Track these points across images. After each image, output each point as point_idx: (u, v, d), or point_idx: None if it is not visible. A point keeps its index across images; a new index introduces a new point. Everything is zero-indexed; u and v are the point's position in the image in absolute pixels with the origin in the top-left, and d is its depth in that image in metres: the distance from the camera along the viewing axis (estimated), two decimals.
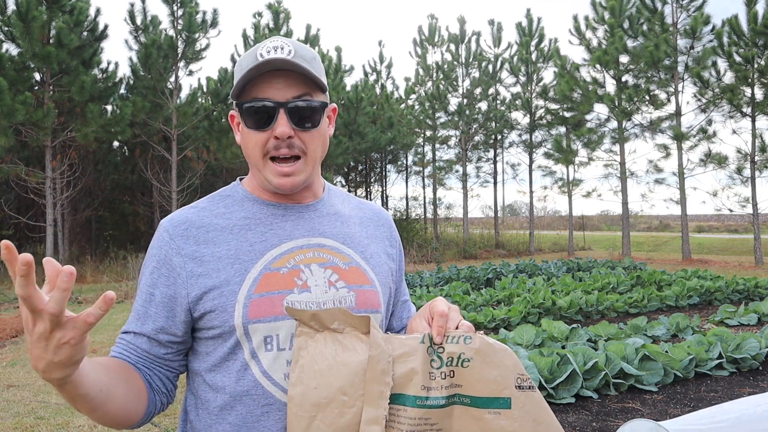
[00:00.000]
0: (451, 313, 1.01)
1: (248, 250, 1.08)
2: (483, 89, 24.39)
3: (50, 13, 15.29)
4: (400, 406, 0.95)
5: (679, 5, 19.12)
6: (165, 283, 1.06)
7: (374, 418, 0.92)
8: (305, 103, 1.06)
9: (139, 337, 1.07)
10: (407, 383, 0.95)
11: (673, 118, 19.64)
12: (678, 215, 23.76)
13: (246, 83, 1.06)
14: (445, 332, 0.98)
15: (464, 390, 0.96)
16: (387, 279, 1.20)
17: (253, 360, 1.03)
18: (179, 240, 1.08)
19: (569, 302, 8.31)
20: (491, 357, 0.96)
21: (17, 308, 10.88)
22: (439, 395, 0.95)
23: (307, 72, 1.05)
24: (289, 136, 1.05)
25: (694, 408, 4.41)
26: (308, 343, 0.98)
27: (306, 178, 1.10)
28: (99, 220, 22.36)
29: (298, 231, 1.12)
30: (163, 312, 1.06)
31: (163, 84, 17.47)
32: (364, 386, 0.94)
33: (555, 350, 4.95)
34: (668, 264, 17.43)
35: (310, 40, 21.04)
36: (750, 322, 7.62)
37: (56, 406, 4.95)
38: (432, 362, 0.97)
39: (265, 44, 1.07)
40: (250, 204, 1.14)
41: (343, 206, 1.23)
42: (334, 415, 0.93)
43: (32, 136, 15.03)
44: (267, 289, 1.04)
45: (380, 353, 0.95)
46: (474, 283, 12.19)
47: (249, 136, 1.08)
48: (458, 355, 0.96)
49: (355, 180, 27.94)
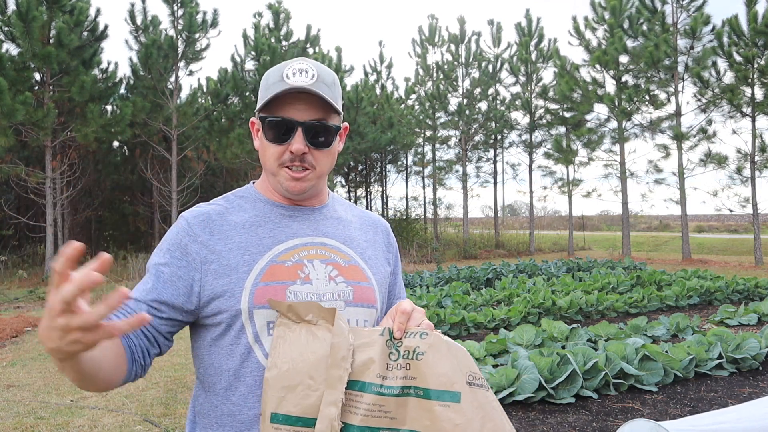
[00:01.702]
0: (414, 312, 1.09)
1: (257, 244, 1.18)
2: (483, 89, 24.39)
3: (50, 13, 15.30)
4: (358, 391, 1.03)
5: (679, 5, 19.12)
6: (177, 264, 1.14)
7: (333, 400, 1.01)
8: (321, 126, 1.18)
9: (140, 304, 1.12)
10: (365, 371, 1.04)
11: (673, 118, 19.64)
12: (678, 215, 23.76)
13: (271, 101, 1.17)
14: (406, 329, 1.06)
15: (418, 382, 1.02)
16: (384, 279, 1.30)
17: (257, 343, 1.12)
18: (197, 228, 1.17)
19: (569, 302, 8.31)
20: (444, 352, 1.03)
21: (17, 308, 10.87)
22: (394, 384, 1.03)
23: (326, 99, 1.16)
24: (303, 152, 1.17)
25: (694, 408, 4.41)
26: (286, 333, 1.08)
27: (313, 186, 1.22)
28: (99, 220, 22.36)
29: (303, 230, 1.23)
30: (170, 289, 1.13)
31: (163, 84, 17.47)
32: (326, 371, 1.03)
33: (555, 350, 4.95)
34: (668, 264, 17.43)
35: (310, 40, 21.04)
36: (750, 322, 7.62)
37: (56, 406, 4.95)
38: (390, 354, 1.05)
39: (292, 65, 1.18)
40: (262, 204, 1.25)
41: (346, 213, 1.35)
42: (300, 396, 1.03)
43: (32, 136, 15.03)
44: (272, 278, 1.14)
45: (342, 341, 1.04)
46: (474, 283, 12.19)
47: (267, 147, 1.20)
48: (413, 348, 1.04)
49: (355, 180, 27.94)
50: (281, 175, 1.19)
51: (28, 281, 14.93)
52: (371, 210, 27.82)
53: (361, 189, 28.09)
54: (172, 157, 17.70)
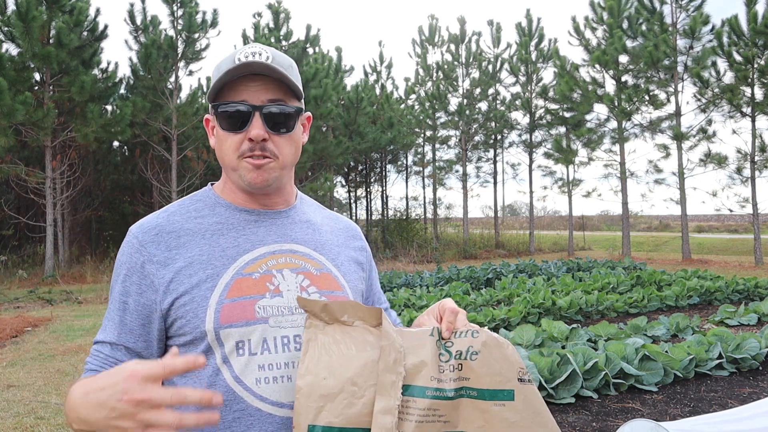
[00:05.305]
0: (460, 313, 1.05)
1: (220, 256, 1.07)
2: (483, 89, 24.38)
3: (50, 13, 15.29)
4: (410, 397, 0.96)
5: (679, 5, 19.12)
6: (137, 291, 1.06)
7: (387, 407, 0.94)
8: (280, 108, 1.07)
9: (117, 349, 1.06)
10: (417, 375, 0.97)
11: (673, 118, 19.64)
12: (678, 215, 23.77)
13: (222, 86, 1.06)
14: (454, 328, 1.02)
15: (471, 383, 0.98)
16: (357, 286, 1.22)
17: (225, 365, 1.02)
18: (150, 246, 1.07)
19: (569, 302, 8.31)
20: (496, 351, 0.99)
21: (17, 308, 10.87)
22: (448, 387, 0.97)
23: (283, 77, 1.06)
24: (264, 138, 1.06)
25: (694, 408, 4.41)
26: (317, 335, 1.00)
27: (277, 177, 1.11)
28: (99, 220, 22.34)
29: (270, 237, 1.13)
30: (138, 320, 1.06)
31: (163, 84, 17.46)
32: (377, 376, 0.96)
33: (555, 350, 4.95)
34: (668, 264, 17.43)
35: (310, 40, 21.04)
36: (750, 322, 7.62)
37: (56, 406, 4.95)
38: (440, 355, 1.00)
39: (244, 50, 1.07)
40: (222, 209, 1.14)
41: (315, 215, 1.24)
42: (342, 406, 0.94)
43: (32, 136, 15.03)
44: (239, 294, 1.04)
45: (392, 344, 0.97)
46: (474, 283, 12.19)
47: (223, 138, 1.09)
48: (467, 348, 0.99)
49: (355, 180, 27.93)
50: (242, 167, 1.08)
51: (28, 281, 14.92)
52: (371, 211, 27.84)
53: (361, 189, 28.09)
54: (172, 157, 17.70)
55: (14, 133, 14.45)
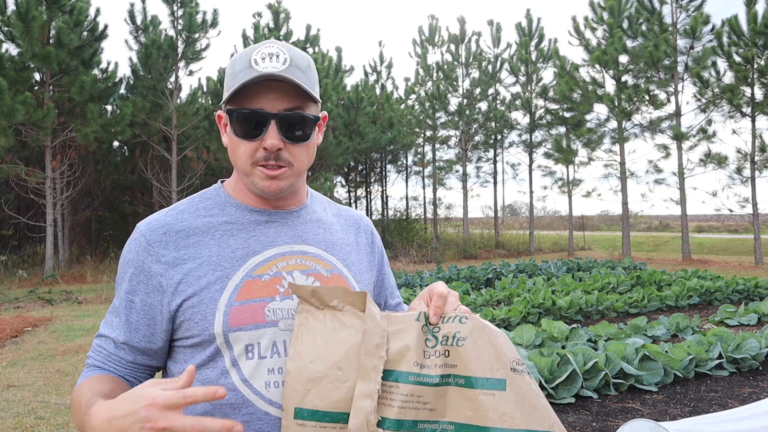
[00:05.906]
0: (449, 296, 1.01)
1: (230, 257, 1.06)
2: (483, 89, 24.38)
3: (50, 13, 15.29)
4: (393, 382, 0.95)
5: (679, 5, 19.12)
6: (144, 291, 1.05)
7: (367, 391, 0.93)
8: (297, 117, 1.05)
9: (121, 347, 1.06)
10: (401, 359, 0.95)
11: (673, 118, 19.64)
12: (678, 215, 23.77)
13: (239, 91, 1.04)
14: (443, 313, 0.98)
15: (459, 370, 0.95)
16: (369, 285, 1.21)
17: (234, 368, 1.02)
18: (158, 246, 1.05)
19: (569, 302, 8.31)
20: (486, 338, 0.96)
21: (17, 308, 10.87)
22: (433, 373, 0.95)
23: (300, 86, 1.03)
24: (279, 148, 1.04)
25: (694, 408, 4.41)
26: (309, 320, 1.00)
27: (290, 185, 1.10)
28: (99, 220, 22.35)
29: (281, 237, 1.11)
30: (144, 319, 1.05)
31: (163, 84, 17.47)
32: (359, 360, 0.95)
33: (555, 350, 4.94)
34: (668, 264, 17.43)
35: (310, 40, 21.04)
36: (750, 322, 7.62)
37: (56, 406, 4.95)
38: (427, 341, 0.97)
39: (260, 49, 1.04)
40: (232, 209, 1.12)
41: (325, 213, 1.23)
42: (328, 389, 0.95)
43: (32, 136, 15.03)
44: (248, 296, 1.03)
45: (375, 327, 0.96)
46: (474, 283, 12.19)
47: (237, 143, 1.07)
48: (453, 334, 0.96)
49: (355, 180, 27.93)
50: (255, 174, 1.06)
51: (28, 281, 14.92)
52: (371, 211, 27.82)
53: (361, 189, 28.08)
54: (172, 157, 17.70)
55: (14, 133, 14.46)
